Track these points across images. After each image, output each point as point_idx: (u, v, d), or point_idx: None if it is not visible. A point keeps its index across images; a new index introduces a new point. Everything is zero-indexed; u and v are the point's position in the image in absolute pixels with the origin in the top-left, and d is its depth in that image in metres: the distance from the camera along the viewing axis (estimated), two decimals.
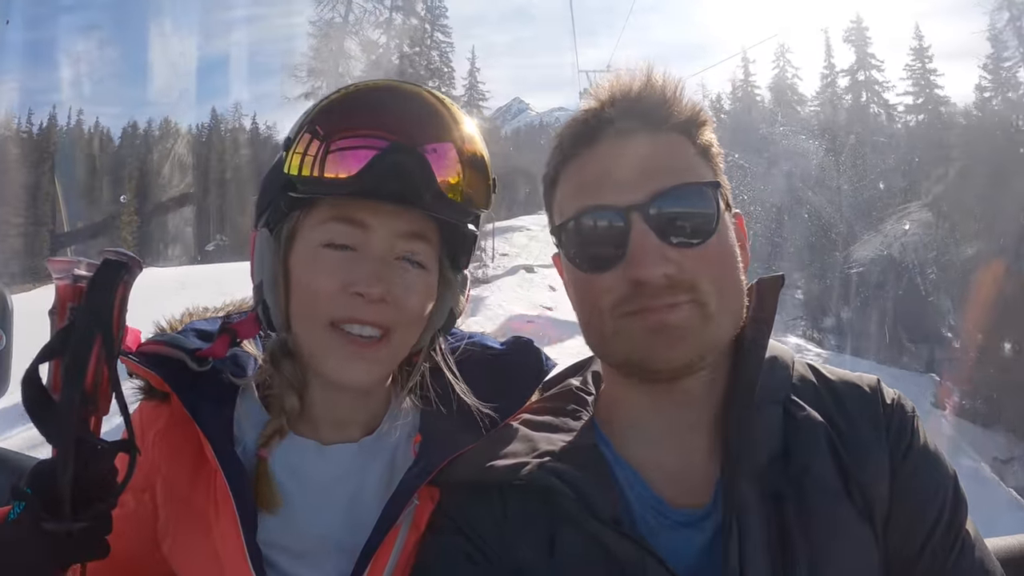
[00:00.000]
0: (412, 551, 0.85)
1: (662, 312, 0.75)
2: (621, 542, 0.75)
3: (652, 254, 0.75)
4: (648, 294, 0.75)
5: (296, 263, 0.84)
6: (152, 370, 0.85)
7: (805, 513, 0.75)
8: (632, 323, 0.77)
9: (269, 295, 0.85)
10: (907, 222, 21.09)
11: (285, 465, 0.88)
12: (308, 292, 0.83)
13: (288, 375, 0.88)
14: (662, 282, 0.75)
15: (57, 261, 0.74)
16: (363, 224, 0.82)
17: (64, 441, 0.69)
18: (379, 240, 0.82)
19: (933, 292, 18.89)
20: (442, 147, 0.81)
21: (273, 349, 0.89)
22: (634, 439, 0.84)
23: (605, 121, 0.81)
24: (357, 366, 0.83)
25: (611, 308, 0.78)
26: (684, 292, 0.76)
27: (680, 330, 0.76)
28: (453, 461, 0.86)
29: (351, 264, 0.81)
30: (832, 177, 24.38)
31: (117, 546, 0.74)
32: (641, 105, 0.81)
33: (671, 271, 0.75)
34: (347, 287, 0.81)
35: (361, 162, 0.78)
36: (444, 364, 0.95)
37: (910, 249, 19.60)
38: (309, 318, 0.83)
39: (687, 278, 0.76)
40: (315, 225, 0.83)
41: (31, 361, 0.72)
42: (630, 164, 0.78)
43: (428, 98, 0.84)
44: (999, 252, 17.41)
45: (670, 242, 0.76)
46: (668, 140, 0.80)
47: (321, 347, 0.83)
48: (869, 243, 21.52)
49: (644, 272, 0.75)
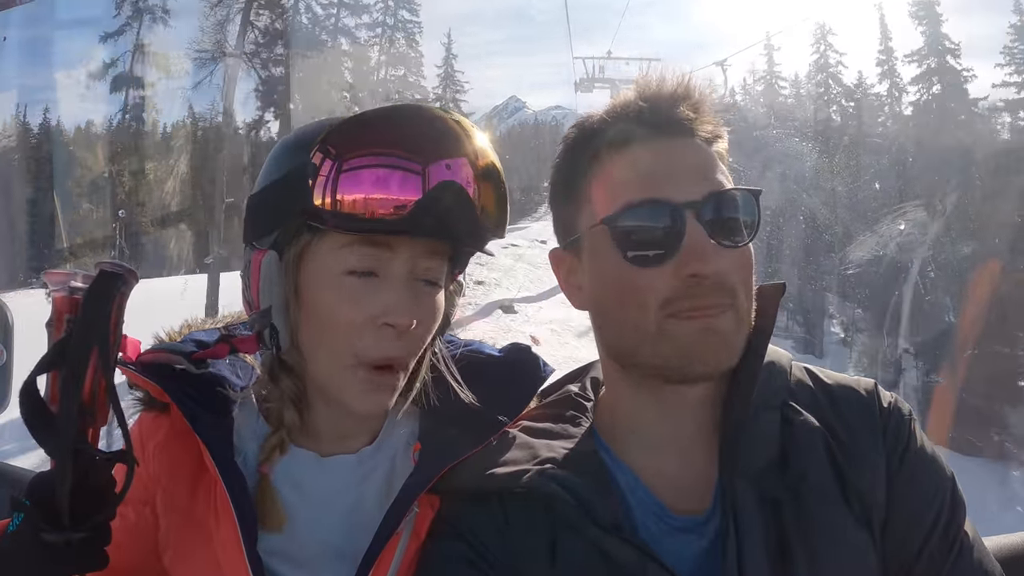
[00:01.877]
0: (413, 559, 0.85)
1: (710, 315, 0.76)
2: (623, 548, 0.75)
3: (705, 252, 0.76)
4: (699, 294, 0.76)
5: (313, 290, 0.81)
6: (151, 380, 0.85)
7: (803, 519, 0.75)
8: (679, 325, 0.77)
9: (279, 320, 0.83)
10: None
11: (285, 477, 0.88)
12: (330, 322, 0.80)
13: (287, 390, 0.87)
14: (714, 280, 0.76)
15: (54, 273, 0.74)
16: (387, 246, 0.80)
17: (62, 453, 0.69)
18: (402, 263, 0.81)
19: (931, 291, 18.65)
20: (476, 182, 0.80)
21: (271, 364, 0.88)
22: (634, 445, 0.84)
23: (647, 117, 0.81)
24: (381, 398, 0.83)
25: (658, 307, 0.77)
26: (727, 296, 0.77)
27: (724, 335, 0.77)
28: (453, 469, 0.86)
29: (376, 293, 0.80)
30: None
31: (117, 558, 0.74)
32: (684, 110, 0.81)
33: (720, 268, 0.76)
34: (375, 318, 0.80)
35: (408, 199, 0.76)
36: (444, 367, 0.95)
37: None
38: (330, 349, 0.82)
39: (730, 282, 0.77)
40: (334, 250, 0.80)
41: (28, 374, 0.72)
42: (684, 164, 0.79)
43: (457, 125, 0.81)
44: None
45: (720, 243, 0.77)
46: (719, 145, 0.83)
47: (343, 382, 0.82)
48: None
49: (702, 266, 0.75)
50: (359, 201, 0.76)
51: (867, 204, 20.06)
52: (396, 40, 26.92)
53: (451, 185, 0.77)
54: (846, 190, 20.51)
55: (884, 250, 18.11)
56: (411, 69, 28.22)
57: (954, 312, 16.92)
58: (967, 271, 16.92)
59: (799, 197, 20.23)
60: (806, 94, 25.31)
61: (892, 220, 18.43)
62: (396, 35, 26.68)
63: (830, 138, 22.48)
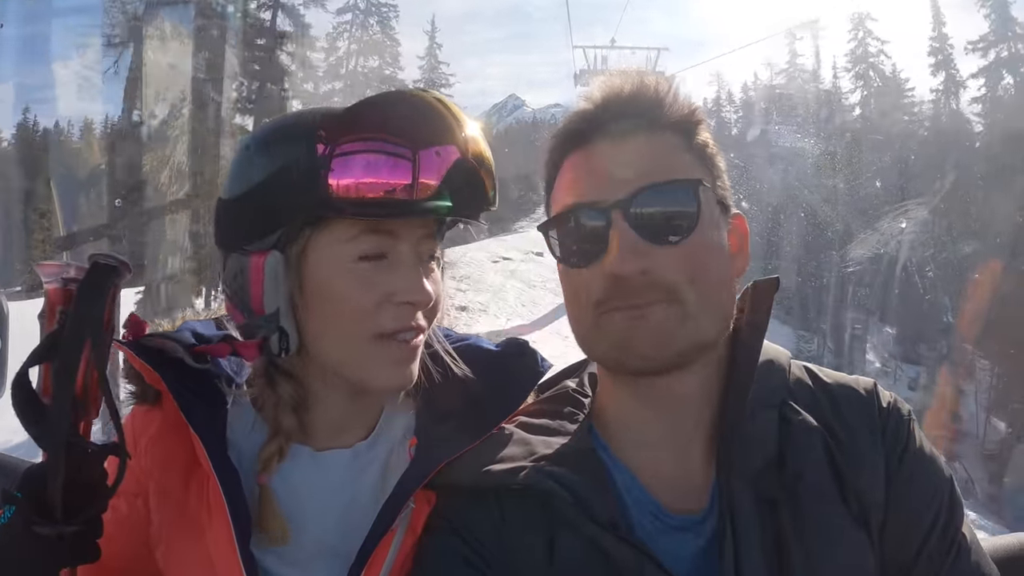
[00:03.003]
0: (408, 555, 0.84)
1: (635, 311, 0.76)
2: (619, 546, 0.74)
3: (629, 250, 0.75)
4: (625, 292, 0.76)
5: (319, 281, 0.81)
6: (146, 362, 0.84)
7: (801, 519, 0.75)
8: (610, 320, 0.78)
9: (288, 321, 0.82)
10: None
11: (278, 473, 0.87)
12: (344, 308, 0.81)
13: (287, 396, 0.86)
14: (639, 279, 0.75)
15: (47, 265, 0.74)
16: (394, 233, 0.81)
17: (55, 445, 0.69)
18: (409, 247, 0.82)
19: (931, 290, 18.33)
20: (483, 159, 0.82)
21: (267, 369, 0.87)
22: (630, 442, 0.84)
23: (596, 122, 0.82)
24: (407, 370, 0.84)
25: (594, 305, 0.78)
26: (661, 291, 0.76)
27: (657, 327, 0.76)
28: (450, 464, 0.85)
29: (388, 274, 0.81)
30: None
31: (109, 551, 0.74)
32: (632, 106, 0.81)
33: (647, 267, 0.75)
34: (391, 297, 0.81)
35: (436, 177, 0.78)
36: (441, 348, 0.95)
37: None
38: (347, 334, 0.81)
39: (664, 277, 0.76)
40: (343, 241, 0.80)
41: (21, 365, 0.72)
42: (616, 163, 0.79)
43: (443, 105, 0.82)
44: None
45: (650, 240, 0.76)
46: (658, 140, 0.80)
47: (365, 358, 0.82)
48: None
49: (620, 268, 0.75)
50: (377, 185, 0.76)
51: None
52: (369, 26, 23.86)
53: (466, 162, 0.79)
54: (861, 191, 19.57)
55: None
56: (386, 59, 24.72)
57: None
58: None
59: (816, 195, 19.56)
60: (841, 88, 23.32)
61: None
62: (369, 20, 23.61)
63: (858, 136, 21.05)
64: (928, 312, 17.90)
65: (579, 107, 0.85)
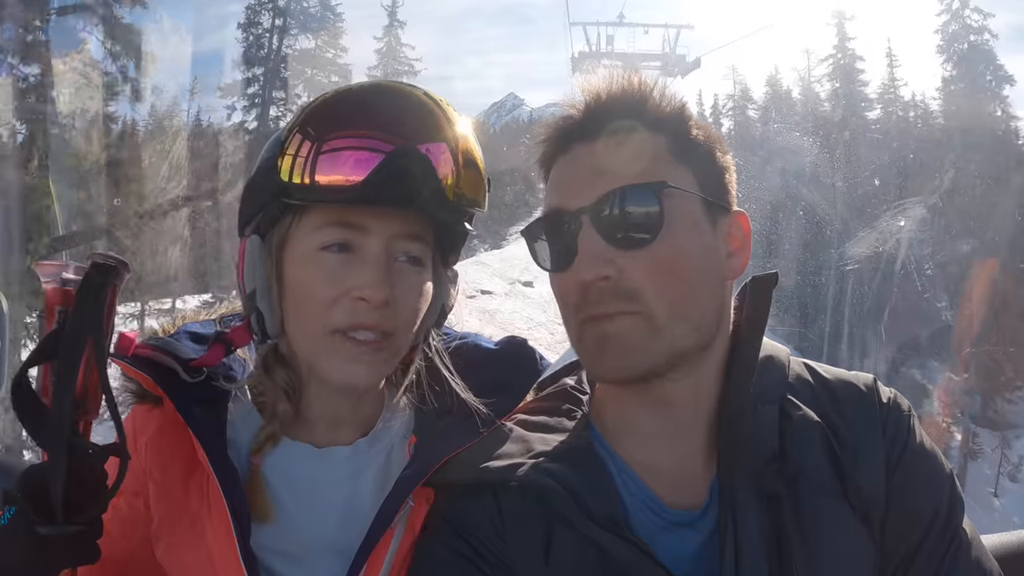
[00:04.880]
0: (407, 553, 0.84)
1: (603, 322, 0.76)
2: (618, 543, 0.74)
3: (591, 256, 0.75)
4: (594, 300, 0.76)
5: (292, 269, 0.83)
6: (144, 372, 0.84)
7: (801, 514, 0.75)
8: (586, 332, 0.78)
9: (263, 303, 0.84)
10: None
11: (278, 470, 0.87)
12: (307, 298, 0.82)
13: (281, 381, 0.87)
14: (603, 285, 0.75)
15: (45, 265, 0.74)
16: (362, 227, 0.81)
17: (56, 445, 0.68)
18: (377, 242, 0.82)
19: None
20: (439, 147, 0.80)
21: (265, 355, 0.88)
22: (629, 439, 0.84)
23: (574, 129, 0.82)
24: (358, 369, 0.83)
25: (573, 311, 0.79)
26: (626, 301, 0.75)
27: (622, 342, 0.76)
28: (448, 462, 0.85)
29: (351, 268, 0.81)
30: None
31: (109, 550, 0.74)
32: (615, 108, 0.81)
33: (610, 273, 0.75)
34: (349, 291, 0.80)
35: (365, 168, 0.77)
36: (439, 360, 0.95)
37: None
38: (308, 324, 0.83)
39: (629, 285, 0.75)
40: (311, 230, 0.82)
41: (20, 365, 0.72)
42: (589, 168, 0.79)
43: (421, 98, 0.83)
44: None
45: (616, 245, 0.76)
46: (637, 141, 0.79)
47: (322, 352, 0.83)
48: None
49: (582, 274, 0.76)
50: (315, 169, 0.78)
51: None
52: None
53: (407, 150, 0.78)
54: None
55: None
56: (325, 39, 19.64)
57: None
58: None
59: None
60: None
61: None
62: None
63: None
64: (926, 311, 17.82)
65: (565, 111, 0.85)
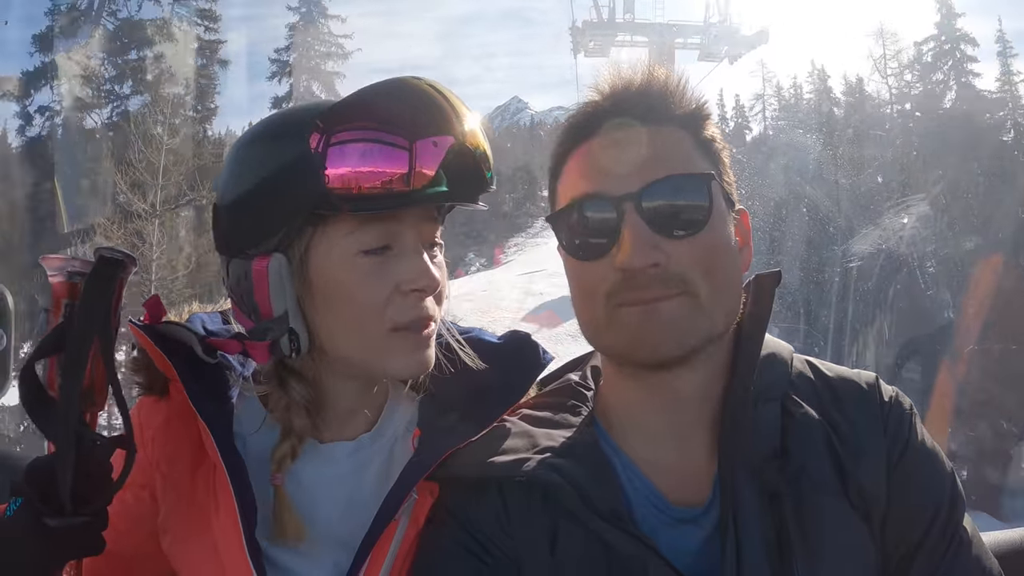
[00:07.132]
0: (411, 545, 0.85)
1: (653, 303, 0.76)
2: (622, 538, 0.75)
3: (642, 244, 0.75)
4: (639, 285, 0.76)
5: (324, 279, 0.80)
6: (159, 348, 0.83)
7: (802, 511, 0.75)
8: (626, 313, 0.77)
9: (298, 322, 0.82)
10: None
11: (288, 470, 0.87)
12: (352, 304, 0.80)
13: (299, 397, 0.86)
14: (651, 272, 0.75)
15: (52, 258, 0.74)
16: (395, 220, 0.81)
17: (64, 437, 0.69)
18: (413, 233, 0.82)
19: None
20: (477, 142, 0.82)
21: (278, 370, 0.87)
22: (634, 435, 0.84)
23: (605, 114, 0.82)
24: (425, 356, 0.85)
25: (605, 297, 0.78)
26: (675, 284, 0.76)
27: (671, 321, 0.76)
28: (452, 456, 0.85)
29: (392, 263, 0.81)
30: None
31: (116, 545, 0.75)
32: (641, 99, 0.82)
33: (660, 260, 0.75)
34: (400, 286, 0.81)
35: (433, 165, 0.77)
36: (448, 335, 0.94)
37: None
38: (366, 327, 0.81)
39: (677, 270, 0.76)
40: (343, 235, 0.79)
41: (27, 357, 0.72)
42: (626, 155, 0.79)
43: (428, 89, 0.81)
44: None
45: (661, 233, 0.76)
46: (667, 133, 0.81)
47: (385, 351, 0.83)
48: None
49: (633, 261, 0.75)
50: (374, 175, 0.76)
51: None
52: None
53: (464, 146, 0.79)
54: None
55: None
56: (199, 20, 15.36)
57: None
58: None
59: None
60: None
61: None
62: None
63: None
64: (929, 308, 17.58)
65: (588, 98, 0.85)
